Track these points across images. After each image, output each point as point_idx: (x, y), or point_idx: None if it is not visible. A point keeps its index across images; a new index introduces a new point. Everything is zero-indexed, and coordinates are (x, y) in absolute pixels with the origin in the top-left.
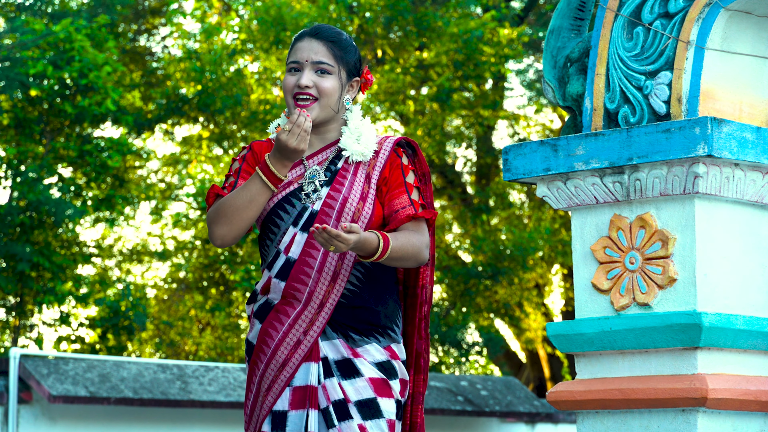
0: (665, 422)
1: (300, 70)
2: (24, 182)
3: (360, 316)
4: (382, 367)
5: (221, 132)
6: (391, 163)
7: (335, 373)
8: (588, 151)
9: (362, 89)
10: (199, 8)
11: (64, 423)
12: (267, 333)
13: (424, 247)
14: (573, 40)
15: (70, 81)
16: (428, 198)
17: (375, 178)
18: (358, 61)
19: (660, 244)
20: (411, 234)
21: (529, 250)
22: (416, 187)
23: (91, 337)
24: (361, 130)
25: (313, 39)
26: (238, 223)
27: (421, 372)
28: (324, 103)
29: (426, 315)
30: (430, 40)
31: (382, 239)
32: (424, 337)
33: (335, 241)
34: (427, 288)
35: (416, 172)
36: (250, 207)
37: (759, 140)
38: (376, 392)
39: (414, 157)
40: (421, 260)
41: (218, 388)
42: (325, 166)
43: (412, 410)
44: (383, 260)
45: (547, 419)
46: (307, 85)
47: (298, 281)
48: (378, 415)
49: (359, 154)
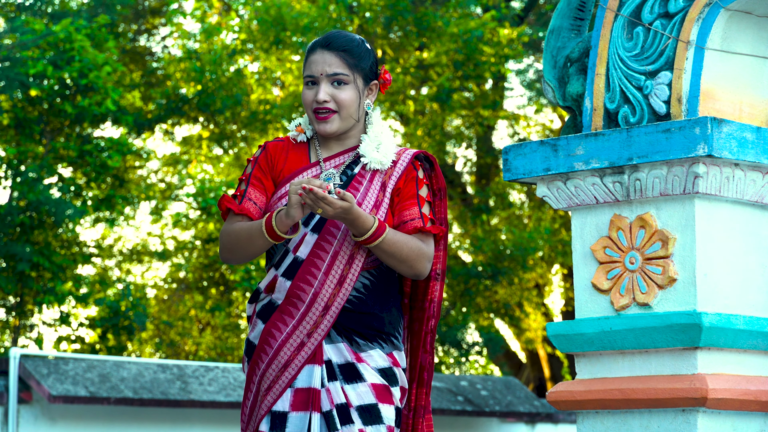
0: (665, 422)
1: (316, 83)
2: (24, 182)
3: (365, 321)
4: (384, 373)
5: (221, 132)
6: (407, 175)
7: (338, 377)
8: (588, 151)
9: (381, 90)
10: (199, 8)
11: (64, 423)
12: (270, 333)
13: (424, 258)
14: (573, 40)
15: (70, 81)
16: (441, 214)
17: (390, 188)
18: (374, 64)
19: (660, 244)
20: (414, 239)
21: (529, 250)
22: (428, 201)
23: (91, 337)
24: (381, 138)
25: (325, 51)
26: (241, 255)
27: (423, 386)
28: (344, 114)
29: (432, 329)
30: (430, 40)
31: (377, 222)
32: (429, 351)
33: (321, 203)
34: (435, 303)
35: (431, 186)
36: (251, 246)
37: (759, 140)
38: (378, 398)
39: (431, 172)
40: (419, 269)
41: (218, 388)
42: (341, 170)
43: (413, 423)
44: (375, 247)
45: (547, 419)
46: (325, 100)
47: (304, 281)
48: (378, 421)
49: (378, 162)
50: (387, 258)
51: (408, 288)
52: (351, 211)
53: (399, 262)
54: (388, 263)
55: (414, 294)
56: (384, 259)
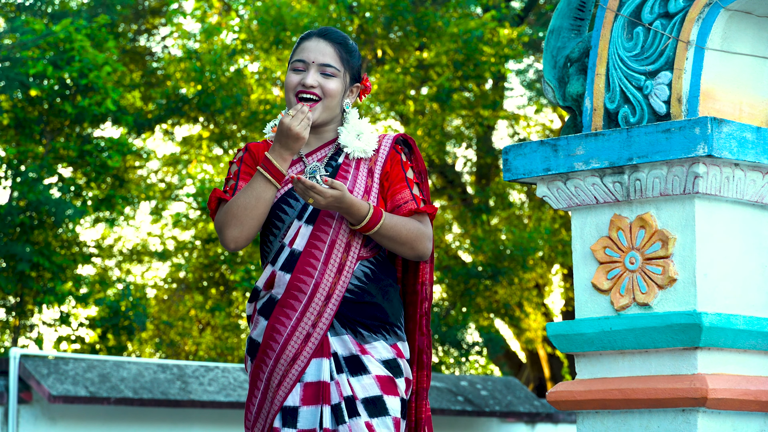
0: (665, 422)
1: (305, 69)
2: (24, 182)
3: (368, 311)
4: (388, 365)
5: (221, 132)
6: (392, 159)
7: (344, 369)
8: (588, 151)
9: (360, 96)
10: (199, 8)
11: (64, 423)
12: (274, 329)
13: (425, 238)
14: (573, 40)
15: (70, 81)
16: (426, 195)
17: (377, 173)
18: (360, 67)
19: (660, 244)
20: (411, 220)
21: (529, 250)
22: (416, 183)
23: (91, 337)
24: (361, 128)
25: (321, 40)
26: (249, 223)
27: (424, 368)
28: (327, 104)
29: (427, 312)
30: (430, 40)
31: (372, 208)
32: (425, 334)
33: (311, 193)
34: (426, 285)
35: (414, 168)
36: (258, 205)
37: (759, 140)
38: (383, 390)
39: (410, 155)
40: (421, 250)
41: (218, 388)
42: (325, 162)
43: (416, 406)
44: (375, 233)
45: (547, 419)
46: (312, 85)
47: (304, 273)
48: (384, 413)
49: (361, 150)
50: (388, 242)
51: (399, 273)
52: (344, 199)
53: (400, 245)
54: (390, 247)
55: (405, 279)
56: (385, 244)
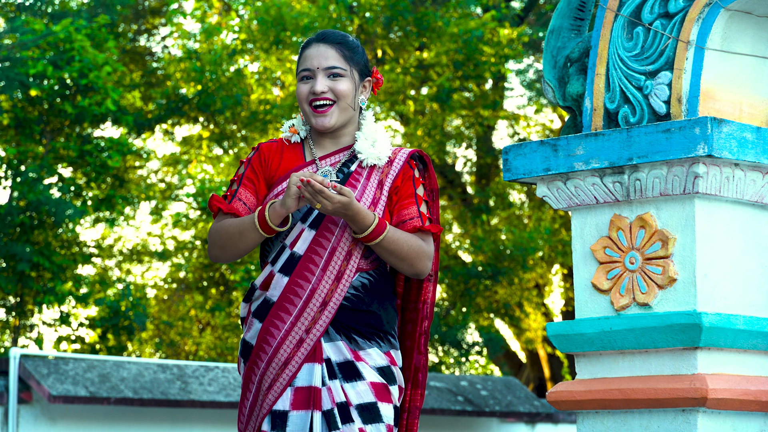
0: (665, 422)
1: (312, 77)
2: (24, 182)
3: (363, 319)
4: (382, 372)
5: (221, 132)
6: (404, 173)
7: (338, 375)
8: (588, 151)
9: (374, 89)
10: (199, 8)
11: (64, 423)
12: (268, 332)
13: (425, 257)
14: (573, 40)
15: (70, 81)
16: (435, 214)
17: (387, 186)
18: (367, 62)
19: (660, 244)
20: (414, 237)
21: (529, 250)
22: (425, 200)
23: (91, 337)
24: (376, 135)
25: (320, 44)
26: (231, 252)
27: (419, 387)
28: (342, 105)
29: (426, 330)
30: (430, 40)
31: (377, 219)
32: (423, 353)
33: (320, 197)
34: (428, 304)
35: (426, 186)
36: (243, 241)
37: (759, 140)
38: (377, 396)
39: (425, 172)
40: (420, 268)
41: (218, 388)
42: (338, 167)
43: (407, 423)
44: (377, 245)
45: (547, 419)
46: (323, 91)
47: (301, 277)
48: (378, 420)
49: (375, 157)
50: (387, 256)
51: (400, 289)
52: (350, 207)
53: (400, 260)
54: (389, 261)
55: (407, 295)
56: (384, 257)
